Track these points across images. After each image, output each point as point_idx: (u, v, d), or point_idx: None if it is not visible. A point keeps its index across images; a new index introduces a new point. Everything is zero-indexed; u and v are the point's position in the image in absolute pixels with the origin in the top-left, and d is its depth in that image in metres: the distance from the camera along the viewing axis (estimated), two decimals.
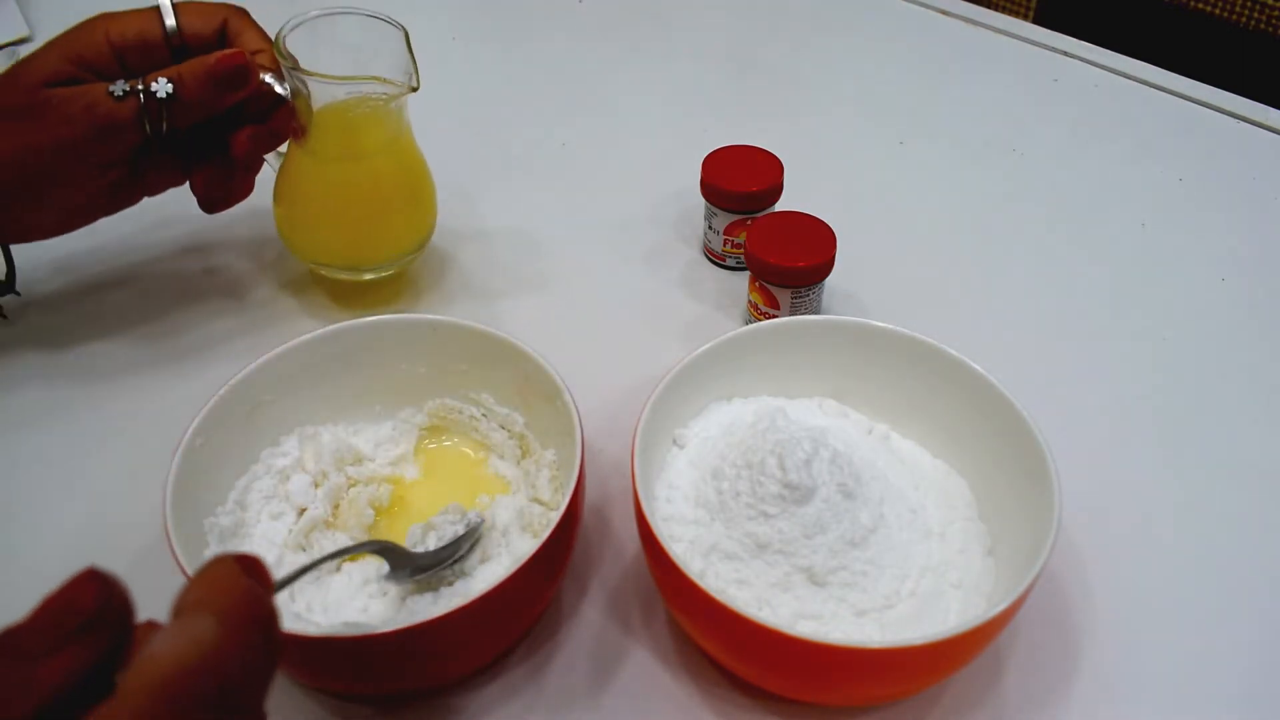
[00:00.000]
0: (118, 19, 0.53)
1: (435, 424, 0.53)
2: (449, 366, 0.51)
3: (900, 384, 0.50)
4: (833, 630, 0.41)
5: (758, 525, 0.42)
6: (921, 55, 0.88)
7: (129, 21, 0.53)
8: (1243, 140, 0.77)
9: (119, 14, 0.54)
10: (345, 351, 0.50)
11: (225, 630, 0.24)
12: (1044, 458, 0.42)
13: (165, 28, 0.53)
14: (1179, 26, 1.18)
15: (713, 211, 0.64)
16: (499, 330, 0.49)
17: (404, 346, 0.51)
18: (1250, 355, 0.60)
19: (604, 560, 0.49)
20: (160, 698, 0.22)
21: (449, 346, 0.51)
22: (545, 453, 0.49)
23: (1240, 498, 0.52)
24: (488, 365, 0.50)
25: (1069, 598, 0.47)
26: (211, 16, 0.55)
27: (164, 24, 0.53)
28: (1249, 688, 0.45)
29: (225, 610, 0.24)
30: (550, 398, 0.47)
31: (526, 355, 0.48)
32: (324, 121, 0.55)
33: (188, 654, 0.23)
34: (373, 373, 0.51)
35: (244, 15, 0.56)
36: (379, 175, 0.59)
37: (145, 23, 0.53)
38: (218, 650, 0.24)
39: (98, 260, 0.66)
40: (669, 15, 0.94)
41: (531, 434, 0.50)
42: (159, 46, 0.53)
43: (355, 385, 0.51)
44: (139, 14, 0.54)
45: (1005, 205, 0.72)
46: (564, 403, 0.46)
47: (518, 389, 0.50)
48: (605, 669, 0.45)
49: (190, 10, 0.55)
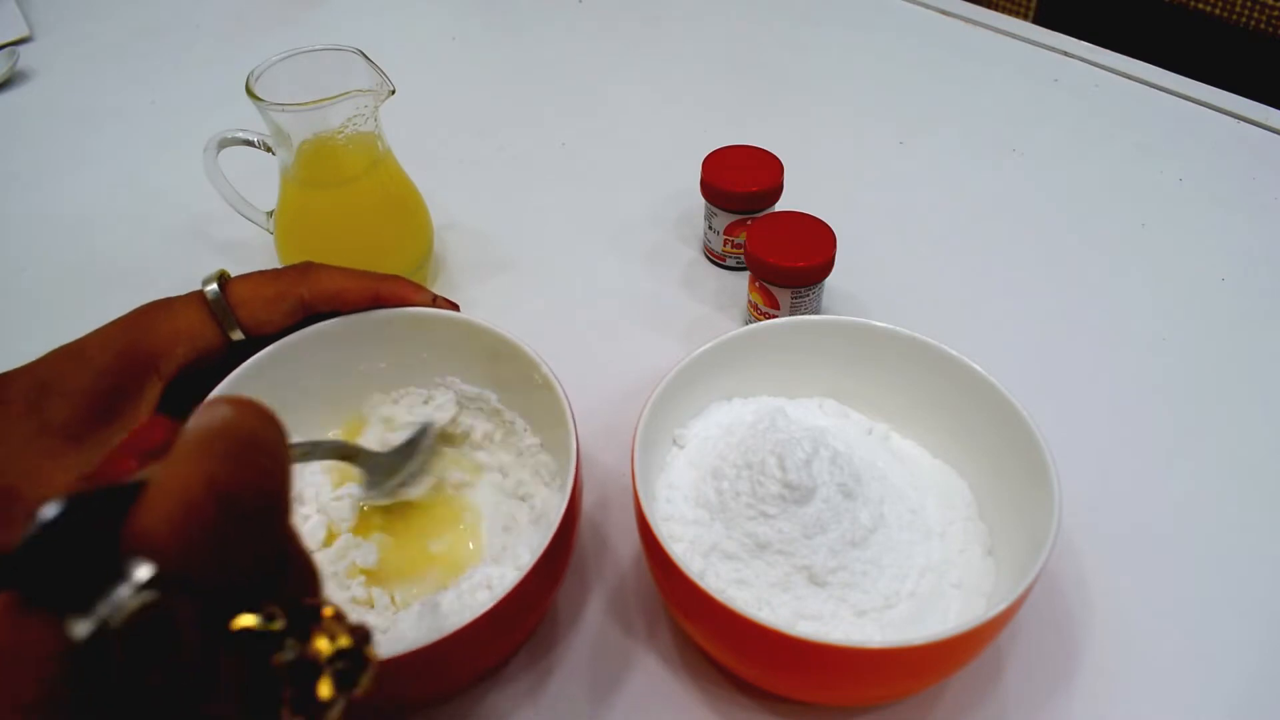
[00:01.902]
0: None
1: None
2: (412, 357, 0.50)
3: (900, 384, 0.49)
4: (833, 630, 0.41)
5: (758, 525, 0.42)
6: (921, 55, 0.88)
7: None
8: (1243, 140, 0.77)
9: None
10: (299, 359, 0.48)
11: (241, 409, 0.25)
12: (1044, 458, 0.42)
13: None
14: (1179, 26, 1.18)
15: (713, 211, 0.64)
16: (465, 314, 0.48)
17: (366, 345, 0.49)
18: (1250, 355, 0.60)
19: (604, 560, 0.49)
20: (201, 449, 0.23)
21: (412, 336, 0.49)
22: (529, 437, 0.49)
23: (1240, 498, 0.52)
24: (449, 348, 0.49)
25: (1069, 597, 0.47)
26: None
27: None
28: (1249, 687, 0.45)
29: (236, 402, 0.25)
30: (526, 375, 0.46)
31: (489, 331, 0.47)
32: (308, 153, 0.57)
33: (215, 417, 0.24)
34: (334, 373, 0.49)
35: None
36: (366, 199, 0.60)
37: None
38: (239, 418, 0.24)
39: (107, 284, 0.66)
40: (669, 15, 0.94)
41: (509, 411, 0.50)
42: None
43: (318, 390, 0.50)
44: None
45: (1005, 205, 0.72)
46: (543, 376, 0.45)
47: (485, 370, 0.49)
48: (605, 669, 0.45)
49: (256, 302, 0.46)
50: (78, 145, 0.79)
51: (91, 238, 0.70)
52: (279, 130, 0.56)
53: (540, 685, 0.45)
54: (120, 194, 0.74)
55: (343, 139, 0.57)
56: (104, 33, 0.93)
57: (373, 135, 0.58)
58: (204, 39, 0.92)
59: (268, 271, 0.47)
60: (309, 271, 0.47)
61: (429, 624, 0.43)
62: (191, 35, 0.93)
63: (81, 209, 0.73)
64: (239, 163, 0.61)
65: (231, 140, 0.59)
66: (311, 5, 0.96)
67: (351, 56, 0.56)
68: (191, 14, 0.96)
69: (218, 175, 0.61)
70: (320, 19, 0.94)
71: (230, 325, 0.45)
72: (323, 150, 0.57)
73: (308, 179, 0.58)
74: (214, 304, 0.45)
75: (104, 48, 0.91)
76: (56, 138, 0.80)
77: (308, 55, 0.56)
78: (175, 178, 0.73)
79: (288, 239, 0.61)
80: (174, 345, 0.44)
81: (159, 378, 0.43)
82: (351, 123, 0.56)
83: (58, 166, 0.77)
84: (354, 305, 0.47)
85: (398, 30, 0.93)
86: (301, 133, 0.56)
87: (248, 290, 0.46)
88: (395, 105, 0.58)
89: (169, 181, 0.74)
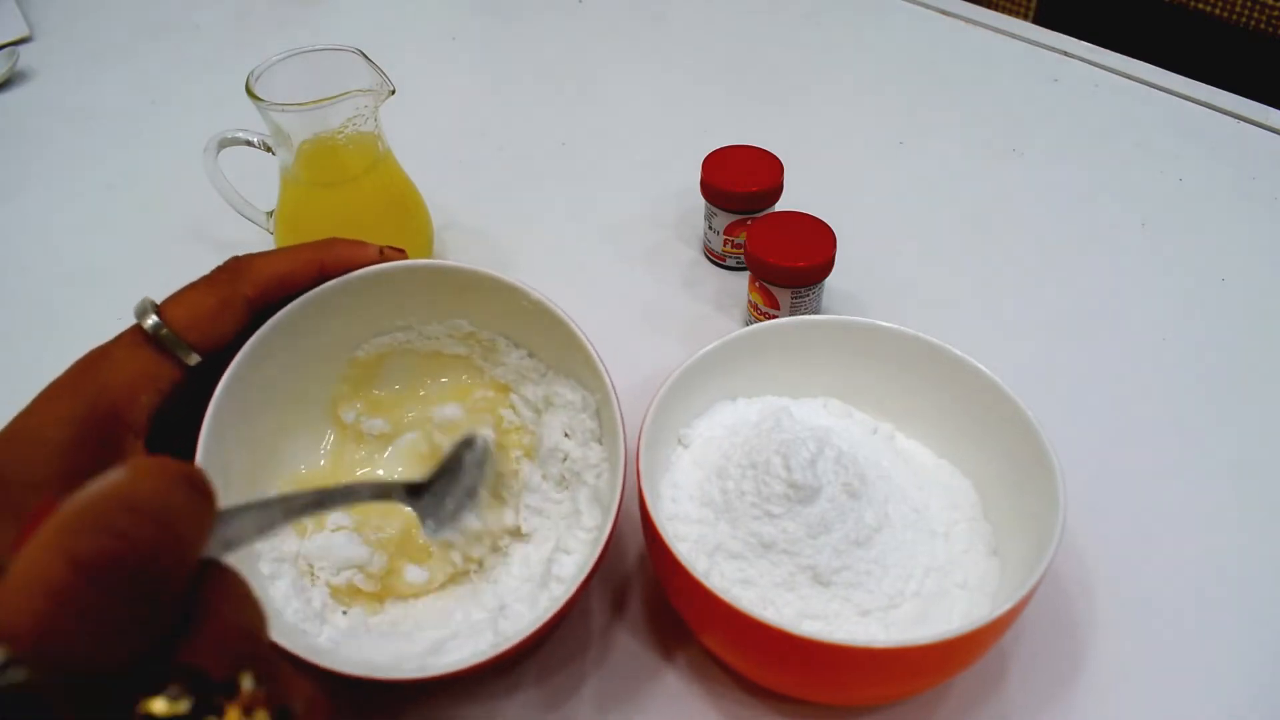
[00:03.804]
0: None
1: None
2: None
3: (905, 384, 0.49)
4: (837, 630, 0.41)
5: (762, 525, 0.42)
6: (921, 55, 0.88)
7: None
8: (1243, 140, 0.77)
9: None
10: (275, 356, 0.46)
11: (136, 472, 0.23)
12: (1048, 458, 0.42)
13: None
14: (1179, 26, 1.18)
15: (713, 211, 0.64)
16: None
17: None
18: (1250, 355, 0.60)
19: (608, 559, 0.49)
20: (66, 524, 0.22)
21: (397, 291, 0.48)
22: (560, 386, 0.49)
23: (1242, 497, 0.52)
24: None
25: (1073, 598, 0.47)
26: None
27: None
28: (1253, 686, 0.45)
29: (135, 465, 0.23)
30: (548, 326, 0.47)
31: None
32: (308, 153, 0.57)
33: (96, 487, 0.22)
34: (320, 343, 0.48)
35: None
36: (366, 199, 0.60)
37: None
38: (126, 482, 0.23)
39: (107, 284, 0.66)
40: (669, 15, 0.94)
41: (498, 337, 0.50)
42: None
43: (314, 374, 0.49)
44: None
45: (1005, 205, 0.72)
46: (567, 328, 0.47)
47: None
48: (609, 667, 0.45)
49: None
50: (78, 145, 0.79)
51: (91, 238, 0.70)
52: (279, 130, 0.56)
53: (542, 683, 0.45)
54: (120, 194, 0.74)
55: (343, 139, 0.57)
56: (104, 33, 0.93)
57: (373, 135, 0.58)
58: (204, 39, 0.92)
59: (197, 283, 0.42)
60: (242, 267, 0.43)
61: None
62: (191, 35, 0.93)
63: (81, 209, 0.72)
64: (239, 163, 0.61)
65: (231, 140, 0.59)
66: (311, 5, 0.96)
67: (351, 56, 0.56)
68: (191, 14, 0.95)
69: (218, 175, 0.61)
70: (320, 19, 0.94)
71: (183, 352, 0.41)
72: (323, 150, 0.57)
73: (308, 179, 0.58)
74: (157, 336, 0.40)
75: (104, 48, 0.91)
76: (56, 138, 0.80)
77: (308, 55, 0.56)
78: (175, 178, 0.73)
79: (288, 239, 0.61)
80: (134, 394, 0.40)
81: (133, 434, 0.39)
82: (351, 123, 0.56)
83: (58, 166, 0.77)
84: (301, 284, 0.45)
85: (398, 30, 0.93)
86: (301, 133, 0.56)
87: (187, 310, 0.41)
88: (395, 105, 0.58)
89: (169, 181, 0.73)
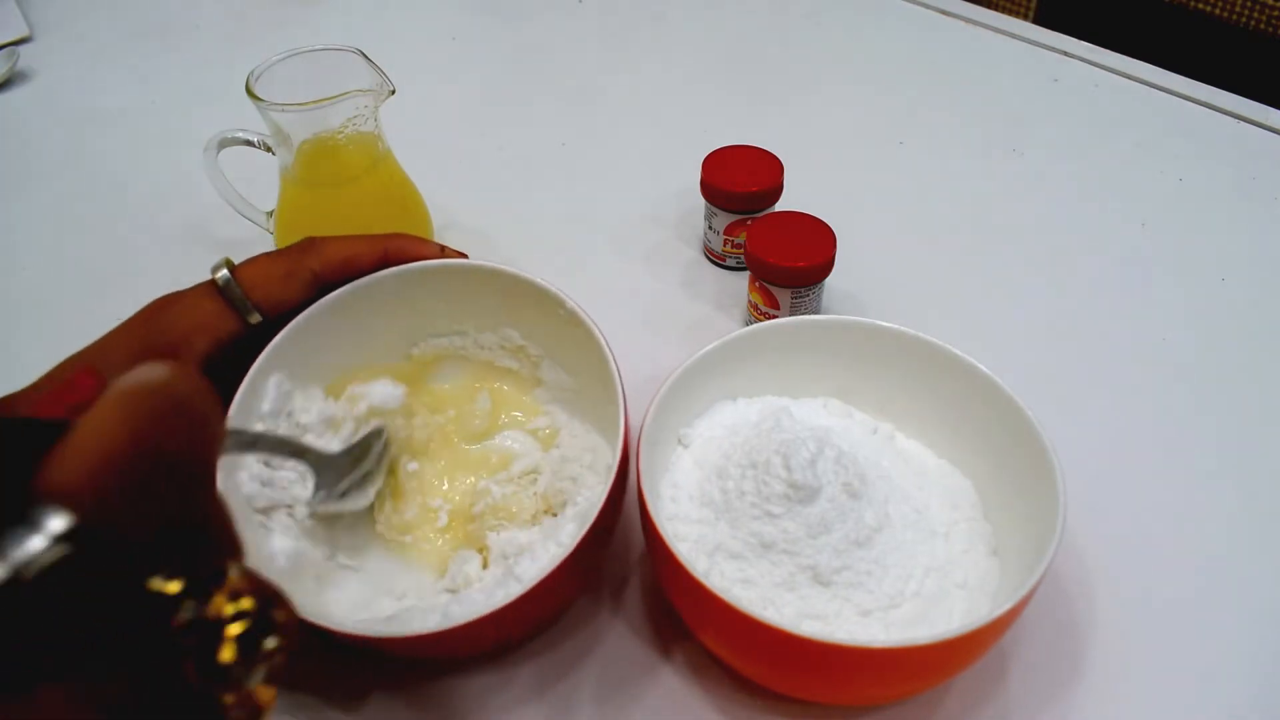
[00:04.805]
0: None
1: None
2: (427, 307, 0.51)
3: (905, 384, 0.49)
4: (837, 630, 0.41)
5: (763, 525, 0.42)
6: (921, 55, 0.88)
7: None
8: (1243, 140, 0.77)
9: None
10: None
11: (177, 372, 0.23)
12: (1049, 458, 0.42)
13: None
14: (1179, 26, 1.18)
15: (713, 211, 0.64)
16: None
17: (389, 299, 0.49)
18: (1250, 355, 0.60)
19: (608, 558, 0.49)
20: (129, 402, 0.22)
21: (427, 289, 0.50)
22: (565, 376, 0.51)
23: (1242, 497, 0.52)
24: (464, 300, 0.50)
25: (1073, 598, 0.47)
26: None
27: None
28: (1253, 686, 0.45)
29: (174, 365, 0.24)
30: (554, 312, 0.48)
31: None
32: (308, 153, 0.57)
33: (148, 376, 0.23)
34: (358, 337, 0.50)
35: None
36: (366, 199, 0.60)
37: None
38: (173, 380, 0.23)
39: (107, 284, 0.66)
40: (669, 15, 0.94)
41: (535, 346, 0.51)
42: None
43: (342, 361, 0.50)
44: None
45: (1005, 205, 0.72)
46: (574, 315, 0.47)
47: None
48: (609, 666, 0.45)
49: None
50: (78, 145, 0.79)
51: (91, 238, 0.70)
52: (279, 130, 0.56)
53: (543, 682, 0.45)
54: (120, 194, 0.74)
55: (343, 139, 0.57)
56: (104, 33, 0.93)
57: (373, 135, 0.58)
58: (204, 39, 0.92)
59: (271, 253, 0.47)
60: (313, 245, 0.47)
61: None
62: (191, 35, 0.93)
63: (81, 209, 0.72)
64: (239, 163, 0.61)
65: (231, 140, 0.59)
66: (311, 5, 0.96)
67: (351, 56, 0.56)
68: (191, 14, 0.95)
69: (218, 175, 0.61)
70: (320, 19, 0.94)
71: (247, 310, 0.45)
72: (323, 150, 0.57)
73: (308, 179, 0.58)
74: (227, 290, 0.44)
75: (104, 48, 0.91)
76: (56, 138, 0.80)
77: (308, 55, 0.56)
78: (175, 178, 0.73)
79: (288, 239, 0.61)
80: (193, 338, 0.43)
81: None
82: (351, 123, 0.56)
83: (58, 166, 0.77)
84: (365, 269, 0.48)
85: (398, 30, 0.93)
86: (301, 133, 0.56)
87: (258, 272, 0.46)
88: (395, 105, 0.58)
89: (169, 181, 0.73)
